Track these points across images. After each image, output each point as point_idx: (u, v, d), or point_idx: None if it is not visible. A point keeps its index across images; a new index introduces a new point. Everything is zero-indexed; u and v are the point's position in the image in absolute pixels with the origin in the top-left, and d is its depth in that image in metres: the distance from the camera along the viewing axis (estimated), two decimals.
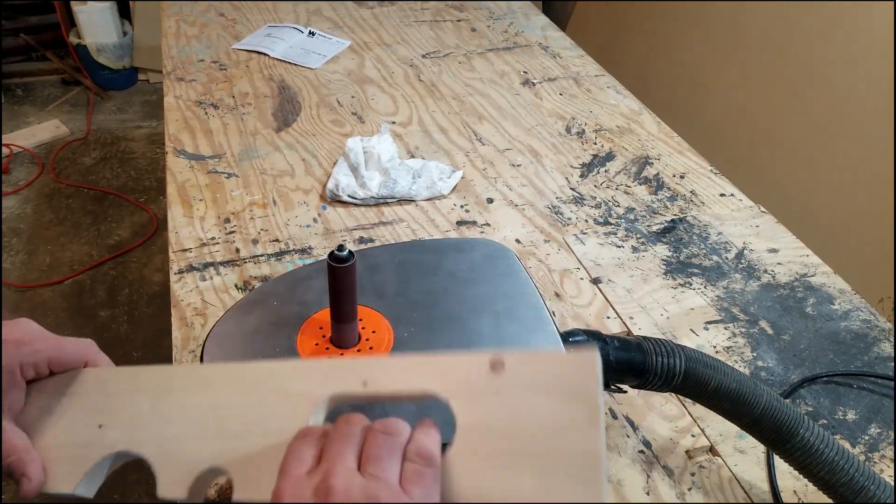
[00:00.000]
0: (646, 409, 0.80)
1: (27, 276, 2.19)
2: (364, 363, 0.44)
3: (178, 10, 1.72)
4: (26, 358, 0.49)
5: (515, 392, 0.40)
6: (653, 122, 1.38)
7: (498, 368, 0.41)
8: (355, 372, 0.44)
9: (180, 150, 1.20)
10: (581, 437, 0.38)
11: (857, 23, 1.68)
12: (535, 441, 0.39)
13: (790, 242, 1.08)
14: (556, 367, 0.40)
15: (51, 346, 0.50)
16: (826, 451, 0.60)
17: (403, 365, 0.43)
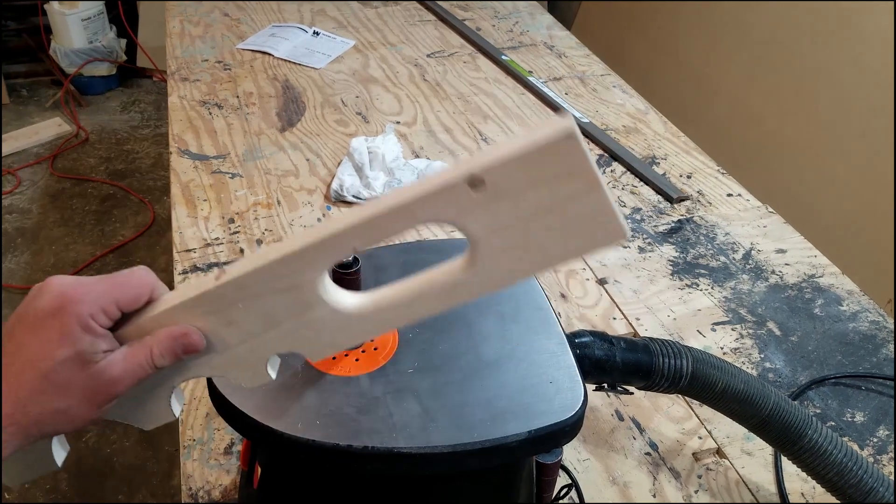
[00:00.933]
0: (652, 410, 0.80)
1: (32, 277, 2.19)
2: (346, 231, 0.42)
3: (182, 11, 1.72)
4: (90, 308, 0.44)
5: (506, 195, 0.39)
6: (659, 122, 1.37)
7: (478, 185, 0.38)
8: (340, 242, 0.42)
9: (184, 150, 1.20)
10: (585, 201, 0.38)
11: (865, 22, 1.67)
12: (543, 221, 0.39)
13: (798, 243, 1.08)
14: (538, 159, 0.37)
15: (107, 286, 0.46)
16: (834, 452, 0.59)
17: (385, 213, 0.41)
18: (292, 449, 0.47)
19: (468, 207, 0.39)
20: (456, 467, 0.48)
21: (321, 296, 0.44)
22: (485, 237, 0.40)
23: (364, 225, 0.42)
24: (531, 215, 0.39)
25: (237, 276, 0.44)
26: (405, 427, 0.48)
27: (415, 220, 0.41)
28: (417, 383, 0.51)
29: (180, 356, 0.46)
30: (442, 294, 0.43)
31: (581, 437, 0.76)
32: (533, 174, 0.38)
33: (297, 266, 0.43)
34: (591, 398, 0.79)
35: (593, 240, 0.40)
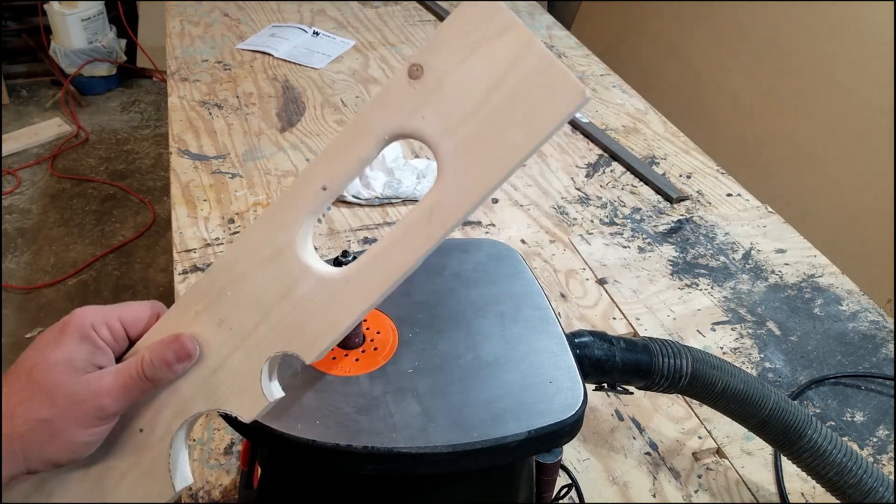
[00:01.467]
0: (652, 410, 0.80)
1: (32, 277, 2.20)
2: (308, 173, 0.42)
3: (182, 11, 1.72)
4: (92, 318, 0.44)
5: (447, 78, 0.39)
6: (659, 122, 1.37)
7: (416, 74, 0.39)
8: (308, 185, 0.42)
9: (184, 150, 1.20)
10: (524, 60, 0.37)
11: (865, 22, 1.67)
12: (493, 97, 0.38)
13: (797, 243, 1.08)
14: (465, 27, 0.38)
15: (114, 306, 0.46)
16: (834, 452, 0.59)
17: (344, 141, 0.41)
18: (292, 449, 0.47)
19: (417, 104, 0.39)
20: (456, 467, 0.48)
21: (304, 261, 0.43)
22: (443, 137, 0.39)
23: (323, 157, 0.42)
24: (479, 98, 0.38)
25: (223, 256, 0.44)
26: (405, 427, 0.48)
27: (371, 135, 0.40)
28: (417, 383, 0.51)
29: (172, 364, 0.44)
30: (420, 226, 0.40)
31: (581, 436, 0.76)
32: (462, 43, 0.38)
33: (276, 223, 0.43)
34: (591, 398, 0.79)
35: (552, 108, 0.38)
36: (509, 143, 0.38)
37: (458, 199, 0.39)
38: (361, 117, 0.40)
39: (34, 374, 0.42)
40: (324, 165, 0.41)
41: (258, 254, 0.43)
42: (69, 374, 0.42)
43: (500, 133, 0.38)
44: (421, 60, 0.39)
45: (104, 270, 2.24)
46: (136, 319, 0.46)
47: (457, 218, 0.40)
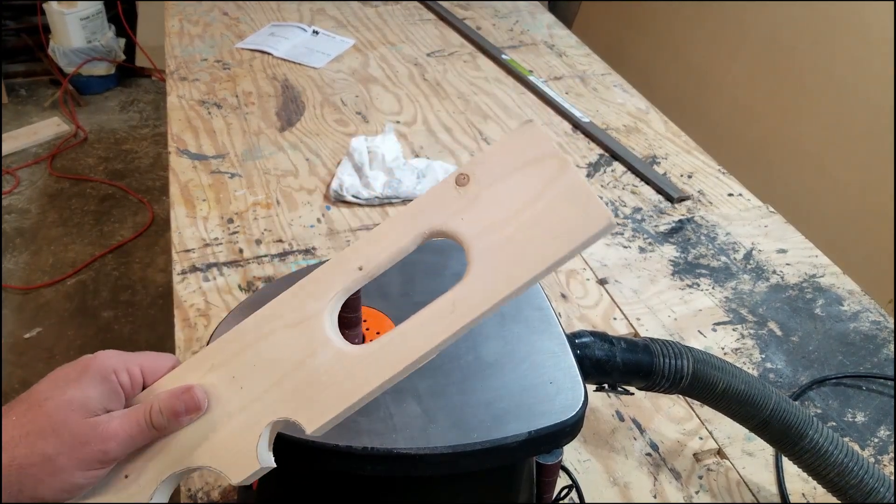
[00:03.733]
0: (653, 411, 0.80)
1: (30, 277, 2.19)
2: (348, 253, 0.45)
3: (181, 10, 1.71)
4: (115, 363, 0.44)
5: (488, 191, 0.43)
6: (660, 121, 1.37)
7: (463, 182, 0.44)
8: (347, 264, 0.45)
9: (183, 149, 1.19)
10: (559, 182, 0.42)
11: (865, 22, 1.66)
12: (527, 211, 0.42)
13: (799, 243, 1.07)
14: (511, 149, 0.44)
15: (135, 353, 0.46)
16: (835, 452, 0.59)
17: (387, 230, 0.45)
18: (292, 450, 0.47)
19: (459, 207, 0.44)
20: (456, 468, 0.48)
21: (328, 334, 0.44)
22: (476, 238, 0.43)
23: (365, 241, 0.45)
24: (515, 210, 0.43)
25: (253, 316, 0.45)
26: (405, 428, 0.48)
27: (414, 229, 0.44)
28: (417, 384, 0.51)
29: (181, 415, 0.43)
30: (442, 316, 0.42)
31: (581, 437, 0.76)
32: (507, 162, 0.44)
33: (308, 293, 0.45)
34: (592, 399, 0.79)
35: (578, 227, 0.41)
36: (537, 252, 0.42)
37: (482, 296, 0.42)
38: (409, 211, 0.44)
39: (45, 407, 0.42)
40: (364, 248, 0.45)
41: (285, 318, 0.45)
42: (80, 414, 0.42)
43: (529, 242, 0.42)
44: (469, 171, 0.44)
45: (103, 270, 2.23)
46: (156, 369, 0.46)
47: (479, 312, 0.42)
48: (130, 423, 0.43)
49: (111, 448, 0.42)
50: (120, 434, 0.42)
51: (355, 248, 0.45)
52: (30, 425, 0.41)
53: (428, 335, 0.42)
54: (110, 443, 0.42)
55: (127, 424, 0.43)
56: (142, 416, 0.43)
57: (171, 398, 0.44)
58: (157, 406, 0.43)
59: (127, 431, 0.42)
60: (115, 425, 0.42)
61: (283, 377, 0.44)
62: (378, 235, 0.44)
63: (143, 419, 0.43)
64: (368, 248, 0.44)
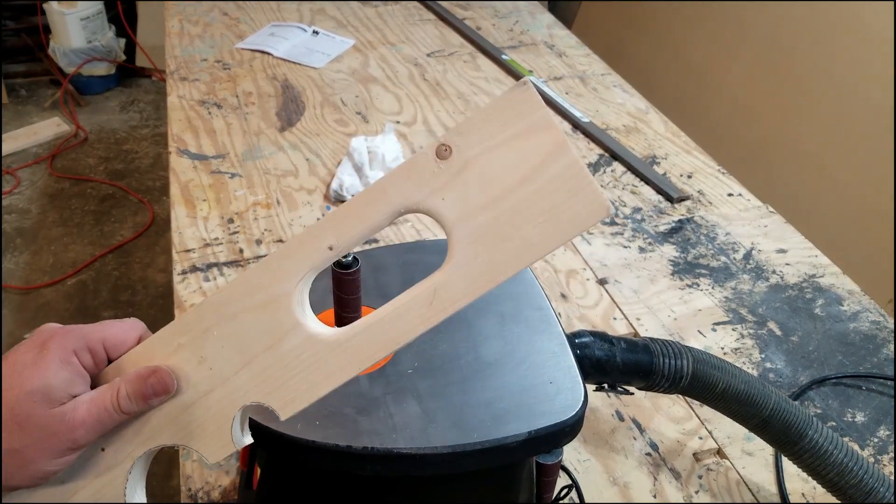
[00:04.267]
0: (653, 411, 0.80)
1: (31, 277, 2.19)
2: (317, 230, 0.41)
3: (181, 10, 1.71)
4: (74, 343, 0.42)
5: (473, 163, 0.39)
6: (660, 122, 1.37)
7: (444, 154, 0.39)
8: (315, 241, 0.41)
9: (184, 150, 1.19)
10: (554, 163, 0.37)
11: (865, 22, 1.66)
12: (516, 193, 0.38)
13: (799, 243, 1.07)
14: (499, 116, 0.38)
15: (96, 327, 0.44)
16: (835, 452, 0.59)
17: (358, 205, 0.41)
18: (292, 449, 0.47)
19: (439, 183, 0.39)
20: (456, 468, 0.48)
21: (297, 316, 0.42)
22: (459, 221, 0.39)
23: (335, 217, 0.41)
24: (503, 190, 0.38)
25: (216, 294, 0.43)
26: (405, 428, 0.48)
27: (387, 205, 0.40)
28: (417, 384, 0.51)
29: (149, 398, 0.43)
30: (422, 306, 0.40)
31: (581, 437, 0.76)
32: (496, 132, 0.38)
33: (275, 272, 0.42)
34: (592, 398, 0.79)
35: (573, 216, 0.38)
36: (525, 240, 0.38)
37: (463, 287, 0.39)
38: (381, 185, 0.40)
39: (6, 399, 0.40)
40: (334, 225, 0.41)
41: (251, 298, 0.42)
42: (44, 405, 0.40)
43: (517, 229, 0.38)
44: (450, 141, 0.39)
45: (103, 270, 2.23)
46: (120, 343, 0.45)
47: (458, 306, 0.39)
48: (98, 409, 0.41)
49: (79, 436, 0.41)
50: (87, 421, 0.41)
51: (324, 224, 0.41)
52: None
53: (406, 326, 0.40)
54: (78, 431, 0.41)
55: (95, 410, 0.41)
56: (108, 401, 0.42)
57: (138, 381, 0.42)
58: (125, 390, 0.42)
59: (95, 417, 0.41)
60: (83, 412, 0.41)
61: (253, 360, 0.42)
62: (349, 211, 0.41)
63: (110, 404, 0.42)
64: (339, 224, 0.41)
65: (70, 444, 0.41)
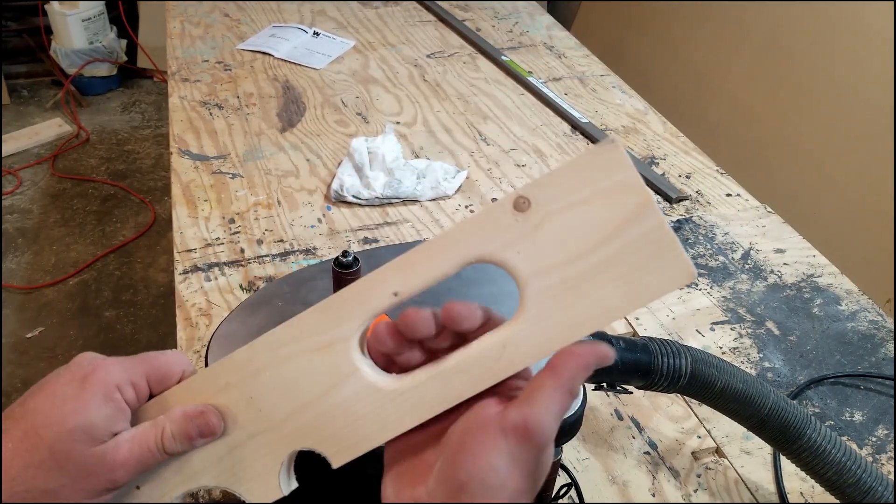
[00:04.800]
0: (651, 410, 0.80)
1: (32, 277, 2.20)
2: (383, 274, 0.40)
3: (182, 11, 1.72)
4: (118, 377, 0.40)
5: (553, 218, 0.37)
6: (658, 122, 1.37)
7: (522, 206, 0.37)
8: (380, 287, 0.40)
9: (185, 150, 1.20)
10: (639, 223, 0.36)
11: (865, 22, 1.67)
12: (597, 252, 0.36)
13: (797, 243, 1.08)
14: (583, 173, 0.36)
15: (139, 361, 0.42)
16: (833, 451, 0.59)
17: (428, 252, 0.39)
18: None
19: (515, 236, 0.37)
20: None
21: (356, 363, 0.40)
22: (534, 277, 0.37)
23: (403, 263, 0.39)
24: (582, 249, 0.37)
25: (271, 333, 0.41)
26: None
27: (458, 255, 0.38)
28: None
29: (194, 440, 0.41)
30: (489, 362, 0.38)
31: (580, 436, 0.76)
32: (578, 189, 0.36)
33: (336, 315, 0.40)
34: (591, 397, 0.79)
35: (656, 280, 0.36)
36: (602, 302, 0.37)
37: (533, 345, 0.38)
38: (453, 234, 0.38)
39: (45, 435, 0.38)
40: (401, 271, 0.39)
41: (308, 341, 0.41)
42: (85, 443, 0.38)
43: (596, 290, 0.37)
44: (530, 194, 0.37)
45: (105, 270, 2.24)
46: (163, 377, 0.43)
47: (527, 363, 0.38)
48: (141, 449, 0.40)
49: (119, 476, 0.39)
50: (129, 462, 0.39)
51: (391, 269, 0.39)
52: (28, 457, 0.38)
53: (470, 380, 0.39)
54: (119, 471, 0.39)
55: (137, 450, 0.40)
56: (152, 441, 0.40)
57: (185, 421, 0.41)
58: (170, 431, 0.40)
59: (137, 458, 0.40)
60: (125, 452, 0.39)
61: (306, 406, 0.41)
62: (418, 258, 0.39)
63: (153, 444, 0.40)
64: (406, 271, 0.39)
65: (109, 484, 0.39)
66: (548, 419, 0.36)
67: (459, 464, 0.36)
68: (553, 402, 0.36)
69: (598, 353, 0.37)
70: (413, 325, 0.38)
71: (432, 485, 0.37)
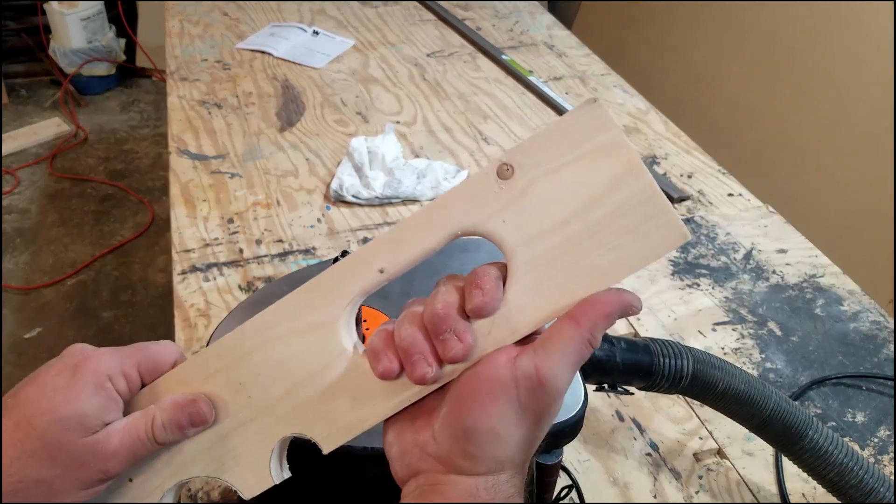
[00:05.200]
0: (653, 411, 0.80)
1: (30, 277, 2.19)
2: (368, 251, 0.39)
3: (181, 10, 1.71)
4: (109, 367, 0.40)
5: (538, 184, 0.35)
6: (660, 122, 1.37)
7: (506, 174, 0.36)
8: (366, 264, 0.39)
9: (184, 150, 1.19)
10: (627, 185, 0.35)
11: (865, 22, 1.66)
12: (584, 217, 0.35)
13: (799, 243, 1.07)
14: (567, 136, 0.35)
15: (130, 351, 0.42)
16: (835, 452, 0.59)
17: (412, 226, 0.38)
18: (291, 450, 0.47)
19: (499, 205, 0.36)
20: None
21: (344, 344, 0.39)
22: (521, 245, 0.36)
23: (387, 239, 0.39)
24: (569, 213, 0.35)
25: (258, 316, 0.41)
26: None
27: (444, 227, 0.37)
28: None
29: (186, 429, 0.41)
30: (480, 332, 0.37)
31: (581, 437, 0.76)
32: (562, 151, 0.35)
33: (322, 295, 0.40)
34: (592, 399, 0.79)
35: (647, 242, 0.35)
36: (593, 268, 0.35)
37: (524, 317, 0.36)
38: (438, 206, 0.37)
39: (36, 425, 0.38)
40: (387, 247, 0.38)
41: (296, 322, 0.40)
42: (77, 433, 0.38)
43: (585, 255, 0.35)
44: (513, 161, 0.36)
45: (103, 270, 2.23)
46: (154, 367, 0.43)
47: (518, 335, 0.37)
48: (132, 439, 0.40)
49: (111, 467, 0.39)
50: (120, 452, 0.39)
51: (376, 246, 0.39)
52: (20, 447, 0.38)
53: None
54: (110, 462, 0.39)
55: (128, 440, 0.40)
56: (143, 431, 0.40)
57: (175, 410, 0.40)
58: (161, 419, 0.40)
59: (128, 448, 0.40)
60: (115, 442, 0.39)
61: (295, 388, 0.40)
62: (402, 233, 0.38)
63: (144, 434, 0.40)
64: (391, 247, 0.38)
65: (101, 475, 0.39)
66: (562, 370, 0.35)
67: (467, 411, 0.35)
68: (569, 353, 0.35)
69: (623, 302, 0.35)
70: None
71: (437, 429, 0.37)
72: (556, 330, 0.35)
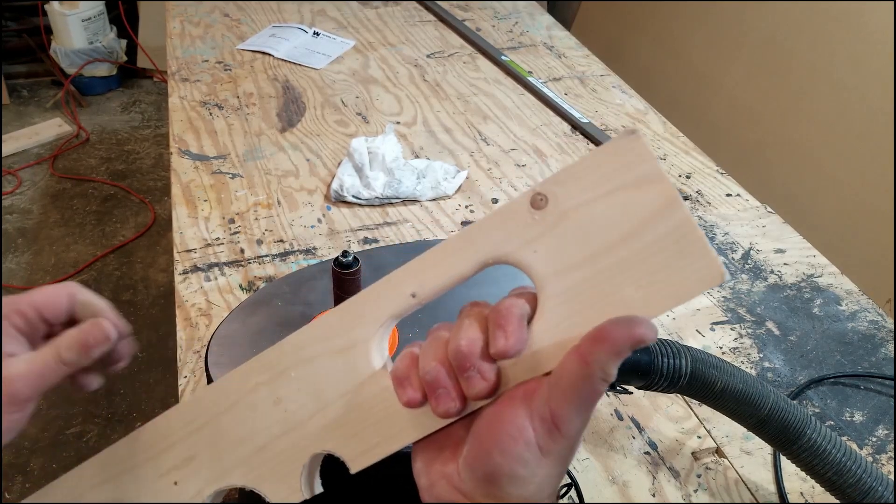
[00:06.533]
0: (651, 410, 0.80)
1: (32, 277, 2.20)
2: (400, 276, 0.39)
3: (182, 11, 1.72)
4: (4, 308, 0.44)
5: (572, 215, 0.35)
6: (658, 122, 1.37)
7: (540, 204, 0.35)
8: (398, 288, 0.39)
9: (185, 150, 1.20)
10: (664, 220, 0.33)
11: (865, 22, 1.67)
12: (618, 251, 0.34)
13: (797, 243, 1.08)
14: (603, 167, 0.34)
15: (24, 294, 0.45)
16: (833, 452, 0.59)
17: (444, 253, 0.38)
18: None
19: (532, 235, 0.36)
20: None
21: (375, 365, 0.40)
22: (552, 277, 0.36)
23: (420, 264, 0.39)
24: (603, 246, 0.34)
25: (297, 334, 0.42)
26: None
27: (475, 255, 0.37)
28: None
29: (91, 348, 0.43)
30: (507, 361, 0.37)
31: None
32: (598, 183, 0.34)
33: (355, 316, 0.40)
34: None
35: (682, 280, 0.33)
36: (625, 303, 0.34)
37: (554, 351, 0.36)
38: (470, 233, 0.37)
39: None
40: (418, 272, 0.39)
41: (330, 342, 0.41)
42: None
43: (617, 290, 0.34)
44: (547, 191, 0.35)
45: (105, 270, 2.24)
46: (51, 303, 0.45)
47: (545, 369, 0.36)
48: (37, 362, 0.42)
49: (20, 388, 0.42)
50: (28, 375, 0.42)
51: (409, 270, 0.39)
52: None
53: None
54: (17, 383, 0.41)
55: (35, 365, 0.42)
56: (49, 355, 0.43)
57: (78, 333, 0.43)
58: (66, 341, 0.43)
59: (34, 370, 0.42)
60: (22, 366, 0.42)
61: (328, 406, 0.41)
62: (435, 259, 0.38)
63: (50, 357, 0.43)
64: (423, 272, 0.39)
65: (10, 398, 0.41)
66: (576, 413, 0.34)
67: (487, 455, 0.36)
68: (582, 395, 0.34)
69: (634, 337, 0.33)
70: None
71: (462, 466, 0.37)
72: (567, 370, 0.34)
